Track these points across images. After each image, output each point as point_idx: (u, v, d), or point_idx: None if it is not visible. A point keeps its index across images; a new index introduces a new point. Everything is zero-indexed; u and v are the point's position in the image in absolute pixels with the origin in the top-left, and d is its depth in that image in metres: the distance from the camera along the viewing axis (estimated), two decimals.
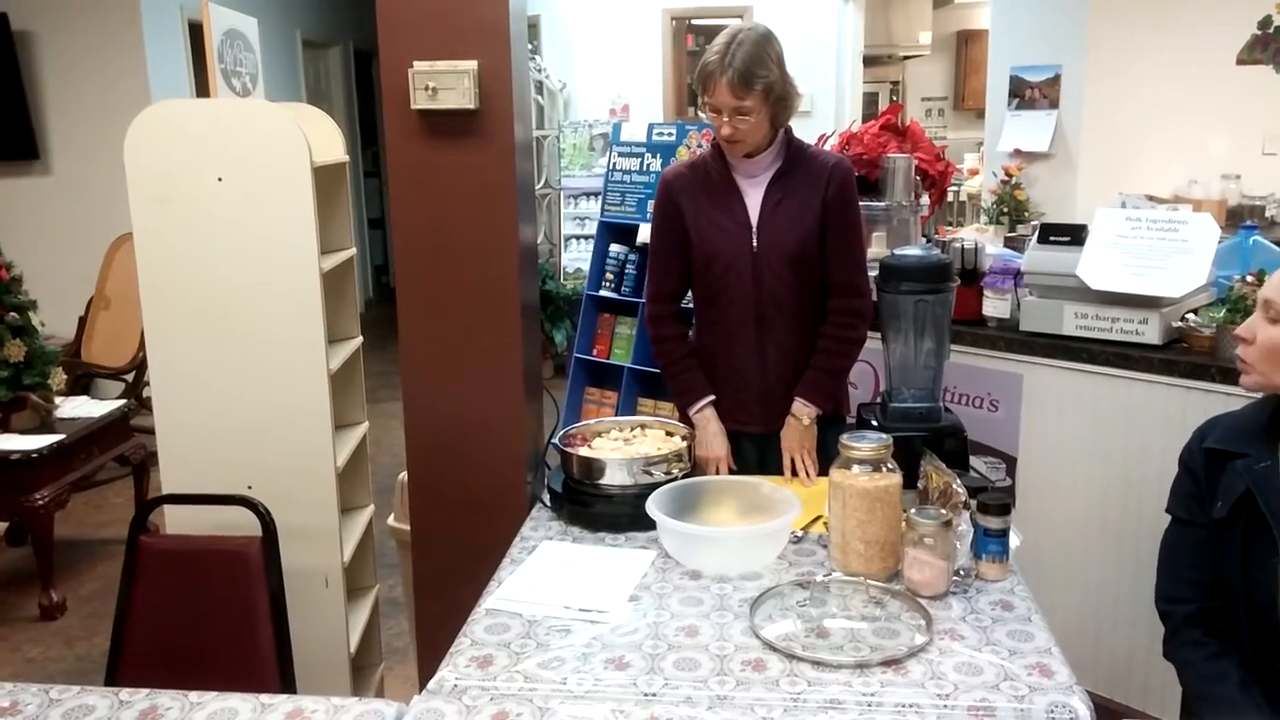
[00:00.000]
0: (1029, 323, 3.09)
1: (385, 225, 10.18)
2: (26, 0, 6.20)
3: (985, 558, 1.93)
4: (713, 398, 2.57)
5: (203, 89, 2.55)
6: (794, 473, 2.50)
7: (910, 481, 2.06)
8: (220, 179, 2.42)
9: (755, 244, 2.51)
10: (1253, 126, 5.59)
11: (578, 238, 7.34)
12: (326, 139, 2.83)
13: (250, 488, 2.46)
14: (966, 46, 10.64)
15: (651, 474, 2.26)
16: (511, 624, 1.80)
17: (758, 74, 2.35)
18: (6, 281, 4.02)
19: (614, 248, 4.95)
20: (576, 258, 7.27)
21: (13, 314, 4.00)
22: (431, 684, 1.63)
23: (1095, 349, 2.94)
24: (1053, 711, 1.51)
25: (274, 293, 2.48)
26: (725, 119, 2.39)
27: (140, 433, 4.49)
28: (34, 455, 3.83)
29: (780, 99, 2.42)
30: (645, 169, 4.82)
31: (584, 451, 2.35)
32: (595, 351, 5.00)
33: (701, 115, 3.16)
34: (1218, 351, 2.77)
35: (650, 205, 4.39)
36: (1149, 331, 2.86)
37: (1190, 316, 2.91)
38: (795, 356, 2.55)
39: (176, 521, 2.55)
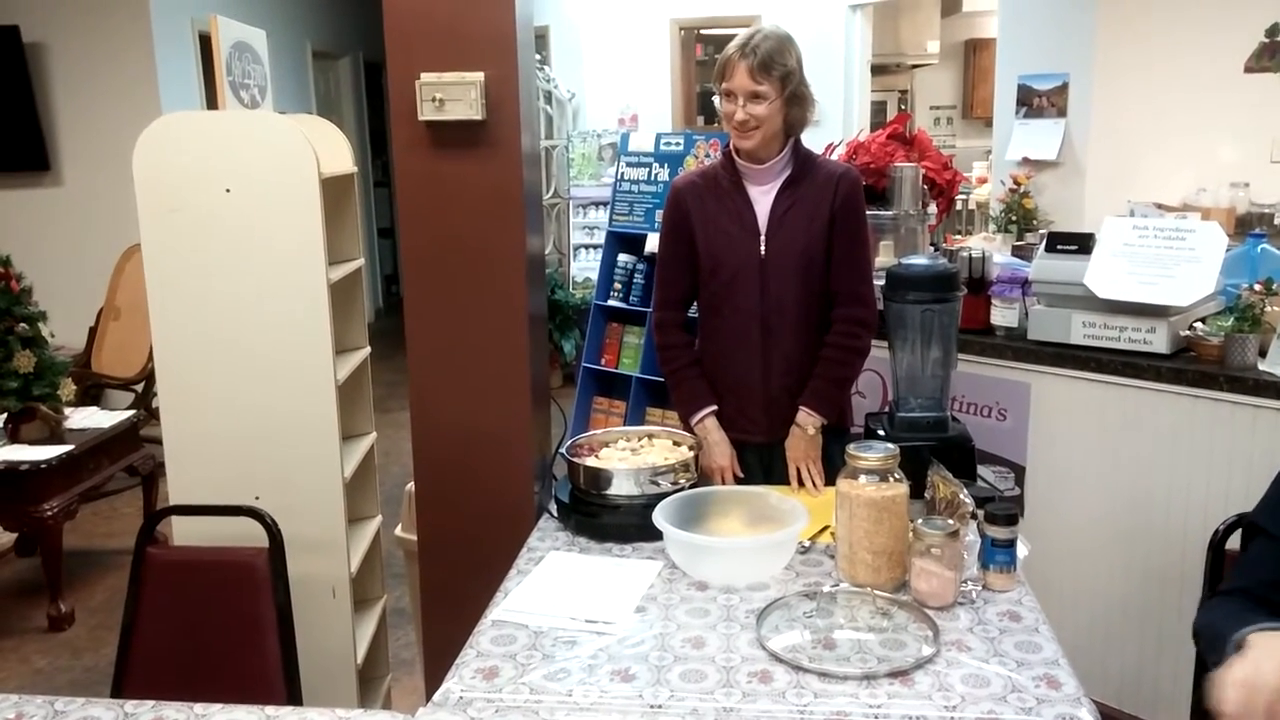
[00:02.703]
0: (1037, 332, 3.08)
1: (395, 235, 10.22)
2: (38, 12, 6.25)
3: (993, 568, 1.92)
4: (714, 407, 2.57)
5: (213, 101, 2.56)
6: (800, 483, 2.50)
7: (917, 491, 2.06)
8: (228, 190, 2.43)
9: (763, 251, 2.51)
10: (1261, 134, 5.56)
11: (586, 247, 7.35)
12: (334, 150, 2.84)
13: (258, 498, 2.47)
14: (974, 55, 10.62)
15: (659, 484, 2.26)
16: (518, 635, 1.80)
17: (777, 61, 2.39)
18: (16, 293, 4.04)
19: (622, 257, 4.96)
20: (585, 267, 7.28)
21: (22, 325, 4.03)
22: (437, 696, 1.63)
23: (1103, 358, 2.93)
24: None
25: (282, 303, 2.49)
26: (740, 104, 2.40)
27: (150, 443, 4.50)
28: (43, 466, 3.84)
29: (796, 96, 2.44)
30: (653, 179, 4.82)
31: (591, 461, 2.35)
32: (603, 361, 5.00)
33: (712, 121, 3.16)
34: (1226, 360, 2.76)
35: (658, 215, 4.40)
36: (1157, 340, 2.85)
37: (1198, 325, 2.90)
38: (799, 366, 2.55)
39: (184, 532, 2.56)
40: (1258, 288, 2.85)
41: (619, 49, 8.01)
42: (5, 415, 4.06)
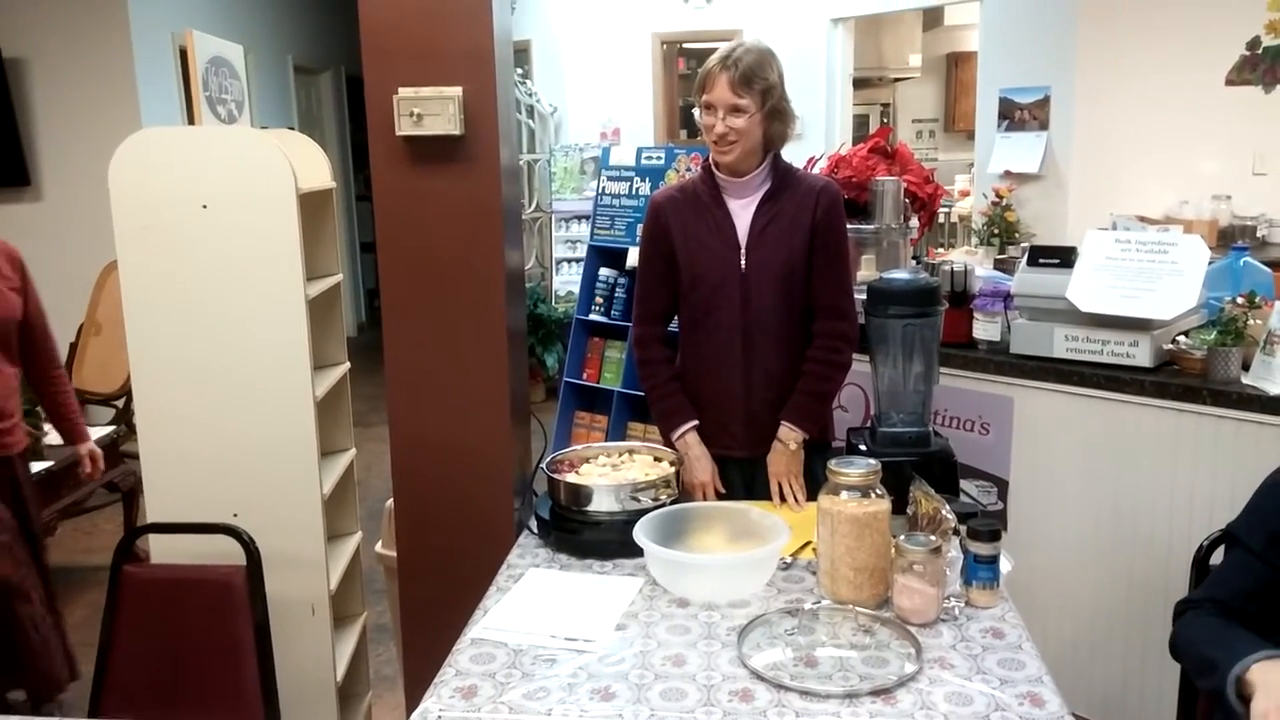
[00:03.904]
0: (1019, 345, 3.08)
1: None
2: (18, 27, 6.22)
3: (975, 584, 1.91)
4: (695, 422, 2.55)
5: (193, 116, 2.55)
6: (781, 498, 2.49)
7: (900, 507, 2.04)
8: (205, 206, 2.41)
9: (743, 265, 2.50)
10: (1243, 147, 5.60)
11: (569, 261, 7.35)
12: (313, 165, 2.82)
13: (236, 515, 2.44)
14: (956, 68, 10.67)
15: (639, 500, 2.24)
16: (497, 654, 1.78)
17: (758, 75, 2.38)
18: None
19: (603, 271, 4.94)
20: (568, 281, 7.27)
21: None
22: (414, 716, 1.61)
23: (1086, 372, 2.93)
24: None
25: (259, 320, 2.47)
26: (720, 117, 2.40)
27: (130, 458, 4.46)
28: None
29: (776, 110, 2.43)
30: (634, 193, 4.82)
31: (571, 478, 2.33)
32: (585, 375, 4.98)
33: (695, 135, 3.15)
34: (1209, 374, 2.76)
35: (639, 229, 4.39)
36: (1140, 354, 2.85)
37: (1181, 339, 2.90)
38: (780, 380, 2.54)
39: (162, 550, 2.53)
40: (1240, 301, 2.85)
41: (601, 63, 8.02)
42: None
